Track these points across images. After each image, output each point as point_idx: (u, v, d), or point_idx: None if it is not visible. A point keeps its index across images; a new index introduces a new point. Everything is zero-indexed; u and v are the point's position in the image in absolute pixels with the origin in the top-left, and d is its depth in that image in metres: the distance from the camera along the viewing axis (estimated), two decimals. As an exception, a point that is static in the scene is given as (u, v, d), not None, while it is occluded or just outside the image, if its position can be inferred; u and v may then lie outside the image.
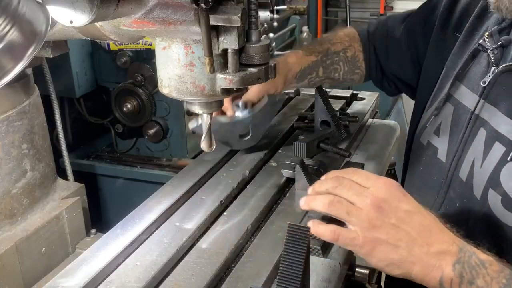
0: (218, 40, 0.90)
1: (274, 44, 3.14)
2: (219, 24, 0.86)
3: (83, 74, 2.25)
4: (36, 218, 1.21)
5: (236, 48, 0.90)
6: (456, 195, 1.19)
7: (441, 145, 1.28)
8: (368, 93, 1.96)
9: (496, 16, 1.22)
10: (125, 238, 1.10)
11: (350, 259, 1.15)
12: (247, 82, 0.93)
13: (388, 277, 1.32)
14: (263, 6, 0.98)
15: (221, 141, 1.43)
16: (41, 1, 0.79)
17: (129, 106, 2.27)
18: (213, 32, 0.88)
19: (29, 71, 1.24)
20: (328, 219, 1.01)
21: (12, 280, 1.13)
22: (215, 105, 1.02)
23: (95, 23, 0.89)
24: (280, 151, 1.58)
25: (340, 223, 0.99)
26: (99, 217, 2.41)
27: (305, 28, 4.24)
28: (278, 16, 2.98)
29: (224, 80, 0.93)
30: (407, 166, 1.49)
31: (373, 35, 1.64)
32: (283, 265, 0.84)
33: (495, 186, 1.06)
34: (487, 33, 1.19)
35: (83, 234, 1.34)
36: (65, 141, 1.62)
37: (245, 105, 1.41)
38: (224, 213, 1.25)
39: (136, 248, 1.09)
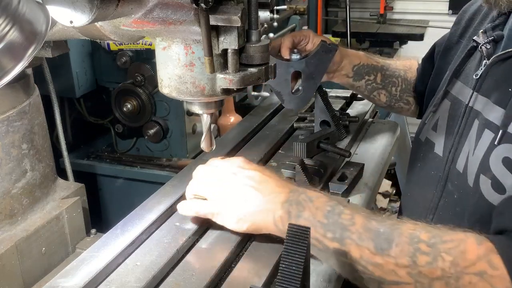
0: (218, 40, 0.90)
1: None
2: (219, 24, 0.86)
3: (83, 74, 2.25)
4: (36, 218, 1.21)
5: (236, 48, 0.89)
6: (454, 187, 1.20)
7: (438, 140, 1.31)
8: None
9: (492, 16, 1.27)
10: (125, 238, 1.10)
11: (350, 259, 1.15)
12: (247, 82, 0.93)
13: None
14: (263, 6, 0.98)
15: (274, 89, 1.53)
16: (41, 1, 0.79)
17: (129, 106, 2.27)
18: (213, 32, 0.88)
19: (29, 71, 1.24)
20: None
21: (12, 280, 1.13)
22: (215, 105, 1.02)
23: (95, 23, 0.89)
24: (280, 151, 1.58)
25: None
26: (99, 217, 2.40)
27: (305, 28, 4.24)
28: (278, 16, 2.98)
29: (224, 80, 0.93)
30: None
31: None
32: (283, 265, 0.84)
33: (485, 171, 1.08)
34: (481, 30, 1.24)
35: (83, 234, 1.34)
36: (65, 141, 1.62)
37: (300, 53, 1.51)
38: (224, 213, 1.24)
39: (136, 248, 1.09)
